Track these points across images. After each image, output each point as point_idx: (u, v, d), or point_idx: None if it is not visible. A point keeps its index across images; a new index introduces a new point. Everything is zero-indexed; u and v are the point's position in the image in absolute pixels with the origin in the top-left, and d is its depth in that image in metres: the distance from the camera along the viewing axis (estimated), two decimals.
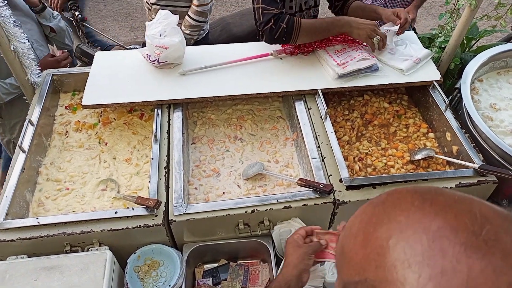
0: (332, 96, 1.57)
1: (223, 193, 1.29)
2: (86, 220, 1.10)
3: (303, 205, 1.14)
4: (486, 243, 0.31)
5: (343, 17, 1.49)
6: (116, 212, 1.10)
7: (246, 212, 1.13)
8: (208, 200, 1.25)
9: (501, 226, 0.33)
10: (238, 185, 1.31)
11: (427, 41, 1.62)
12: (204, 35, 2.26)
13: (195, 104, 1.53)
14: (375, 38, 1.43)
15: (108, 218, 1.10)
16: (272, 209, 1.13)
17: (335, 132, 1.43)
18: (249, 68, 1.52)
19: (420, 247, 0.32)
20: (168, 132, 1.34)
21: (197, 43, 2.18)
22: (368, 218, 0.39)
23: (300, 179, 1.20)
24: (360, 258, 0.37)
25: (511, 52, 1.53)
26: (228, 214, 1.12)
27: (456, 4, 1.43)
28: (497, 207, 0.36)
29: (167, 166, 1.23)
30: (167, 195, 1.16)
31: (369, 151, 1.38)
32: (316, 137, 1.31)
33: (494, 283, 0.30)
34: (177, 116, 1.38)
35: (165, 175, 1.21)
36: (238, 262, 1.24)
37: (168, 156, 1.26)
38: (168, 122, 1.37)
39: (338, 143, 1.37)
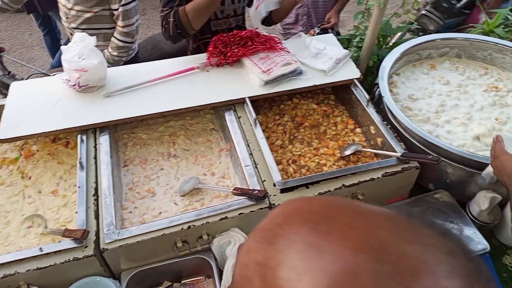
0: (262, 103, 1.59)
1: (160, 212, 1.25)
2: (8, 262, 1.02)
3: (239, 214, 1.13)
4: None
5: None
6: (41, 249, 1.03)
7: (182, 229, 1.10)
8: (144, 222, 1.21)
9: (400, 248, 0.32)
10: (175, 203, 1.28)
11: (346, 42, 1.70)
12: (133, 55, 2.22)
13: (124, 125, 1.48)
14: None
15: (33, 257, 1.03)
16: (208, 222, 1.12)
17: (268, 137, 1.46)
18: (176, 84, 1.50)
19: None
20: (96, 158, 1.29)
21: (127, 63, 2.13)
22: (263, 260, 0.35)
23: (235, 188, 1.19)
24: None
25: (422, 45, 1.64)
26: (164, 233, 1.09)
27: (367, 5, 1.51)
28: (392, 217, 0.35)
29: (96, 193, 1.18)
30: (97, 224, 1.11)
31: (302, 152, 1.41)
32: (248, 145, 1.32)
33: None
34: (104, 140, 1.33)
35: (94, 203, 1.15)
36: (182, 282, 1.21)
37: (96, 182, 1.21)
38: (95, 147, 1.32)
39: (271, 148, 1.39)
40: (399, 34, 1.93)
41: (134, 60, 2.21)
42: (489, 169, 1.15)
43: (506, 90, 1.56)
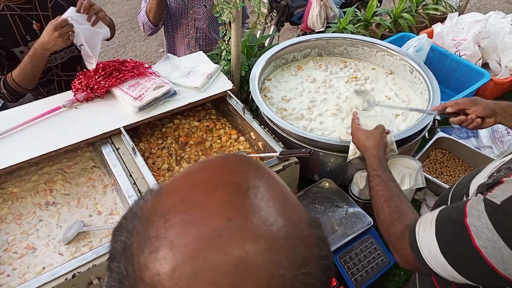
0: (144, 130, 1.56)
1: (43, 268, 1.14)
2: None
3: None
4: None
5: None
6: None
7: (66, 279, 1.01)
8: (25, 281, 1.09)
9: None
10: (60, 253, 1.18)
11: (216, 57, 1.75)
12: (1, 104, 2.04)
13: None
14: None
15: None
16: (95, 265, 1.04)
17: (154, 163, 1.43)
18: (44, 127, 1.40)
19: None
20: None
21: None
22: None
23: None
24: None
25: (285, 50, 1.76)
26: None
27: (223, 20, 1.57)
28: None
29: None
30: None
31: None
32: (130, 175, 1.27)
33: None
34: None
35: None
36: None
37: None
38: None
39: (159, 173, 1.37)
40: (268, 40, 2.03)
41: (4, 108, 2.03)
42: (351, 146, 1.26)
43: (364, 78, 1.74)
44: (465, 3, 2.41)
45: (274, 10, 3.03)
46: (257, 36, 2.44)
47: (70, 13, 1.47)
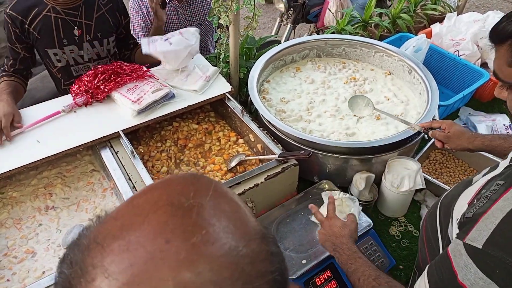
0: (143, 133, 1.56)
1: (43, 272, 1.14)
2: None
3: None
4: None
5: None
6: None
7: None
8: (25, 286, 1.09)
9: None
10: (59, 257, 1.18)
11: (214, 60, 1.75)
12: None
13: None
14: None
15: None
16: None
17: (153, 166, 1.43)
18: (43, 131, 1.40)
19: None
20: None
21: None
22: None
23: None
24: None
25: (283, 51, 1.76)
26: None
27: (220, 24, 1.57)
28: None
29: None
30: None
31: None
32: (130, 178, 1.27)
33: None
34: None
35: None
36: None
37: None
38: None
39: (157, 176, 1.37)
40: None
41: None
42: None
43: (362, 79, 1.74)
44: (463, 3, 2.41)
45: (291, 9, 3.07)
46: (273, 33, 2.47)
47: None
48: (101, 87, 1.46)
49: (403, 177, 1.35)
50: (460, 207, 0.83)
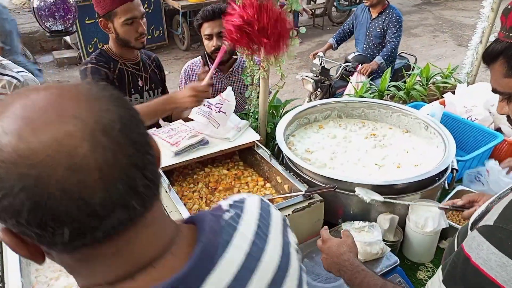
0: (177, 177, 1.68)
1: None
2: None
3: None
4: None
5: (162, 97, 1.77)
6: None
7: None
8: None
9: None
10: None
11: (245, 117, 1.93)
12: None
13: None
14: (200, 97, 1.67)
15: None
16: None
17: (185, 204, 1.51)
18: None
19: None
20: None
21: None
22: None
23: None
24: None
25: (307, 110, 1.93)
26: None
27: (254, 79, 1.78)
28: None
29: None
30: None
31: None
32: (164, 209, 1.35)
33: None
34: None
35: None
36: None
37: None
38: None
39: (189, 213, 1.45)
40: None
41: None
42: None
43: (382, 135, 1.86)
44: (473, 79, 2.61)
45: (319, 89, 3.40)
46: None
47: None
48: None
49: (427, 218, 1.38)
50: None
